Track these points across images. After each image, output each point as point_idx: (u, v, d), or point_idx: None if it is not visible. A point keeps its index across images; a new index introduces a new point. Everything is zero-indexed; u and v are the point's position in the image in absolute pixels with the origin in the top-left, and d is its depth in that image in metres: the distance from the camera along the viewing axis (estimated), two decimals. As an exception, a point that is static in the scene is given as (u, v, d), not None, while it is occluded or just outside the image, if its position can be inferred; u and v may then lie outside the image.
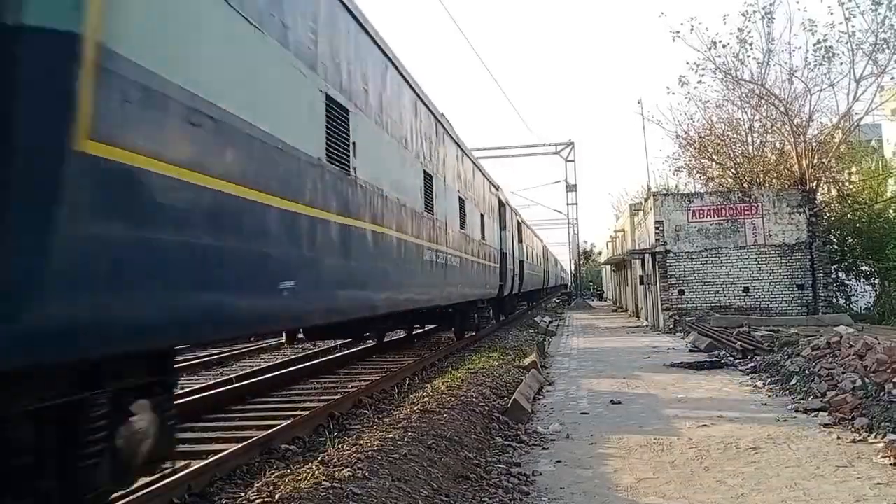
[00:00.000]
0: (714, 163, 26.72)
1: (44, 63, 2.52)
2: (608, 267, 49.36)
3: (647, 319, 24.28)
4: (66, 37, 2.59)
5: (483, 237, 15.61)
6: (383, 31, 7.90)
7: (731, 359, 12.50)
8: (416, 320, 14.44)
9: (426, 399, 7.63)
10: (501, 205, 19.80)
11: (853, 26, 21.60)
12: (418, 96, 9.78)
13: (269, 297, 4.58)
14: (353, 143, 6.43)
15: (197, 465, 4.99)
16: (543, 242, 41.78)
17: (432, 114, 10.80)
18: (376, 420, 7.01)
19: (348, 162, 6.26)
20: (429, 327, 17.16)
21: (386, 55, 7.99)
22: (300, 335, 11.65)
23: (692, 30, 27.27)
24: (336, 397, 8.26)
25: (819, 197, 22.54)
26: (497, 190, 19.28)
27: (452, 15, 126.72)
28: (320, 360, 12.20)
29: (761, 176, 24.89)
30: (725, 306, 19.94)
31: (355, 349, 13.88)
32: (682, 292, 20.43)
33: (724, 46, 22.99)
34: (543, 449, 6.48)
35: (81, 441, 3.05)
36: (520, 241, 24.52)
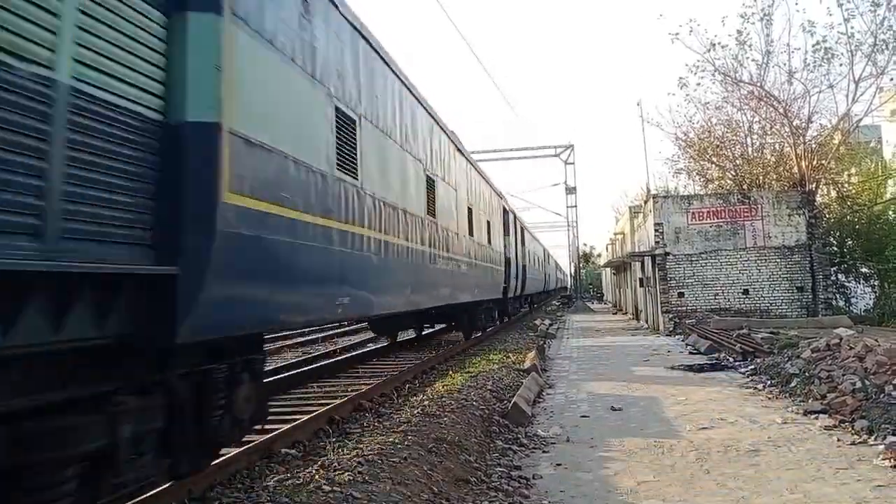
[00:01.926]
0: (713, 165, 26.74)
1: (200, 144, 3.78)
2: (608, 269, 49.37)
3: (646, 322, 24.28)
4: (212, 126, 3.84)
5: (490, 243, 16.90)
6: (404, 66, 9.21)
7: (731, 361, 12.50)
8: (428, 320, 16.10)
9: (427, 402, 7.63)
10: (505, 212, 21.01)
11: (852, 27, 21.69)
12: (458, 149, 13.41)
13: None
14: (434, 199, 10.62)
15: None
16: (544, 246, 41.96)
17: (458, 148, 13.47)
18: (377, 424, 7.02)
19: (435, 210, 10.60)
20: (438, 327, 18.40)
21: (443, 130, 11.81)
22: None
23: (691, 32, 27.47)
24: (337, 401, 8.25)
25: (818, 198, 22.56)
26: (501, 198, 20.50)
27: (452, 18, 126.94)
28: (321, 363, 12.20)
29: (761, 178, 24.91)
30: (725, 308, 19.95)
31: (356, 352, 13.86)
32: (681, 294, 20.43)
33: (723, 48, 23.06)
34: (544, 452, 6.48)
35: (212, 401, 4.33)
36: (522, 245, 25.44)
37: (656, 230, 20.77)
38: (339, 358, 13.02)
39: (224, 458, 5.23)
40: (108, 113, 3.25)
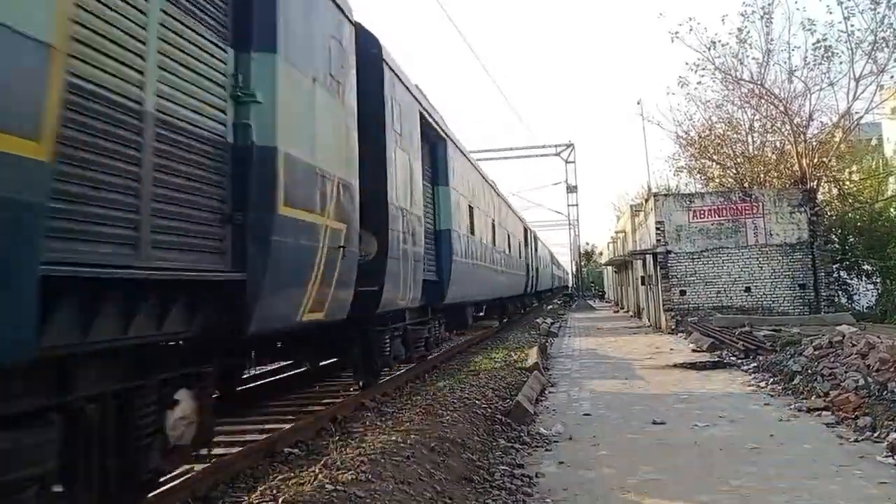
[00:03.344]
0: (714, 163, 26.73)
1: (262, 165, 4.48)
2: (609, 268, 49.36)
3: (648, 320, 24.27)
4: (271, 150, 4.55)
5: (520, 256, 25.06)
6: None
7: (734, 359, 12.49)
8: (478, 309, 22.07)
9: (429, 401, 7.63)
10: (526, 230, 28.33)
11: (852, 25, 21.67)
12: (497, 193, 20.33)
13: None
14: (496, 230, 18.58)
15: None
16: (550, 250, 42.73)
17: (494, 189, 19.46)
18: (379, 423, 7.02)
19: (496, 240, 18.07)
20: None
21: (495, 191, 19.66)
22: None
23: (691, 30, 27.37)
24: (339, 400, 8.25)
25: (820, 196, 22.54)
26: (523, 221, 28.38)
27: (451, 16, 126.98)
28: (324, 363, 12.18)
29: (762, 176, 24.90)
30: (727, 306, 19.92)
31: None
32: (683, 292, 20.41)
33: (723, 46, 23.04)
34: (546, 450, 6.48)
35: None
36: (536, 252, 32.44)
37: (657, 228, 20.76)
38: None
39: (226, 458, 5.24)
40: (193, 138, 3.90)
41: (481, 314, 23.56)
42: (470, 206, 13.96)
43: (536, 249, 33.10)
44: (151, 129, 3.42)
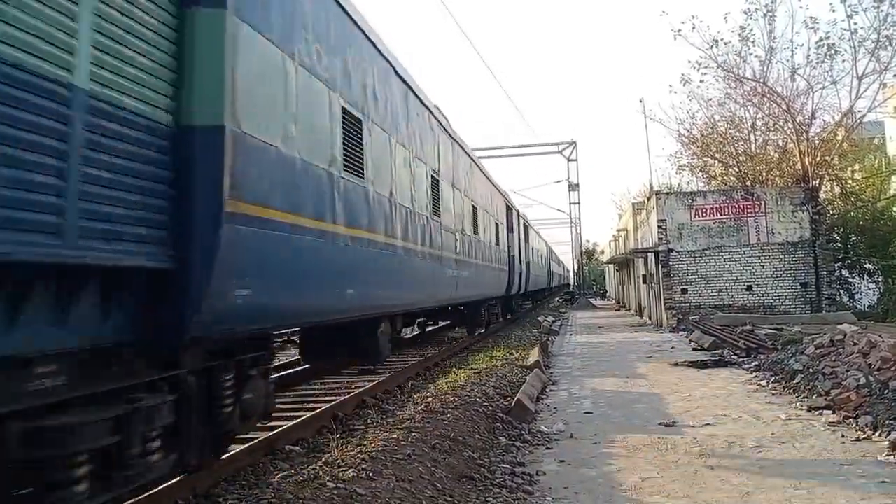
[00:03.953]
0: (716, 161, 26.71)
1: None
2: (611, 266, 49.32)
3: (650, 318, 24.25)
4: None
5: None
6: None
7: (735, 357, 12.48)
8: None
9: (430, 399, 7.63)
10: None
11: (855, 23, 21.62)
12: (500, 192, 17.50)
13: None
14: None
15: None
16: (547, 243, 41.87)
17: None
18: (380, 420, 7.02)
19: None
20: (441, 324, 18.36)
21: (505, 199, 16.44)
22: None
23: (694, 28, 27.33)
24: (340, 398, 8.26)
25: (822, 195, 22.53)
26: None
27: (454, 14, 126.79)
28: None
29: (764, 174, 24.88)
30: (729, 305, 19.92)
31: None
32: (685, 291, 20.40)
33: (725, 44, 23.01)
34: (547, 448, 6.48)
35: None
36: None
37: (659, 227, 20.75)
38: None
39: (229, 454, 5.25)
40: None
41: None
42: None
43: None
44: None
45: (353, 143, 6.43)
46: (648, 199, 24.25)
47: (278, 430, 6.28)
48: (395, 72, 8.32)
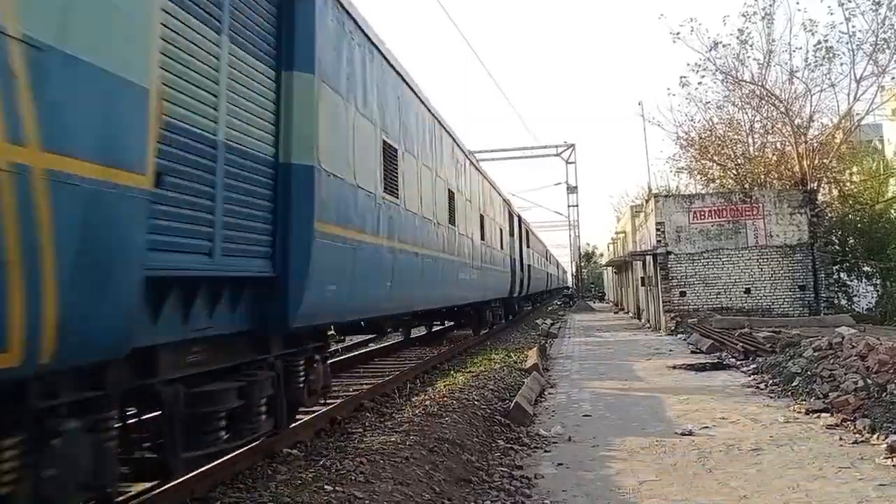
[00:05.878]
0: (715, 164, 26.70)
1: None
2: (609, 269, 49.35)
3: (648, 321, 24.26)
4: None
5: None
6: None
7: (733, 360, 12.49)
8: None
9: (428, 402, 7.63)
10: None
11: (853, 26, 21.64)
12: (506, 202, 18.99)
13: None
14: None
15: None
16: (546, 246, 41.87)
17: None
18: (378, 423, 7.01)
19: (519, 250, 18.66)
20: (446, 324, 19.74)
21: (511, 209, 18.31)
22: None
23: (692, 31, 27.21)
24: (338, 401, 8.25)
25: (820, 197, 22.54)
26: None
27: (452, 17, 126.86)
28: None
29: (762, 177, 24.87)
30: (727, 307, 19.92)
31: (357, 353, 13.87)
32: (683, 294, 20.41)
33: (724, 47, 23.02)
34: (545, 451, 6.47)
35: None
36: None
37: (658, 229, 20.76)
38: (341, 357, 13.02)
39: (226, 458, 5.24)
40: None
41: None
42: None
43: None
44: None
45: (391, 169, 7.66)
46: (647, 201, 24.27)
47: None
48: (422, 102, 9.60)
